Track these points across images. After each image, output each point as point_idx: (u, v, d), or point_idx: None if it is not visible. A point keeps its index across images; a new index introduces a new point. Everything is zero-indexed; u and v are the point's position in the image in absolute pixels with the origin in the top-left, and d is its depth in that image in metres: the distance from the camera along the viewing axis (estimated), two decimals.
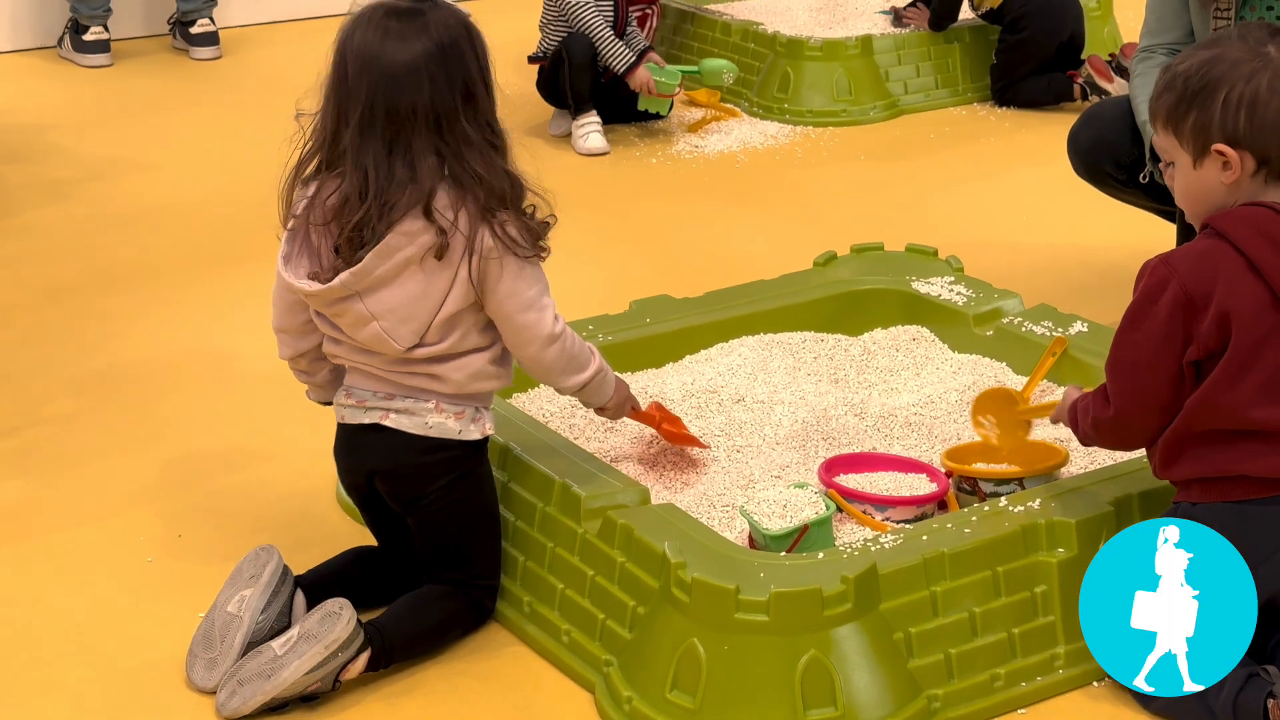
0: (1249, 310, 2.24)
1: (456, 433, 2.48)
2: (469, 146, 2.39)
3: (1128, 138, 3.40)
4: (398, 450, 2.49)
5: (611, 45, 4.85)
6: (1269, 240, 2.24)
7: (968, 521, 2.44)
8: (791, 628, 2.26)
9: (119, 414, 3.33)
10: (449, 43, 2.38)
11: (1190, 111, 2.29)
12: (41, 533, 2.92)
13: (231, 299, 3.90)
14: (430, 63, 2.36)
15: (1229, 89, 2.26)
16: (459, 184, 2.39)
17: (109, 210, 4.49)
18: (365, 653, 2.40)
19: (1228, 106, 2.26)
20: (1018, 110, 5.24)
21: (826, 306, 3.29)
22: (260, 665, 2.35)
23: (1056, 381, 3.04)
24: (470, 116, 2.39)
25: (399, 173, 2.37)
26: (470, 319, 2.46)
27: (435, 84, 2.36)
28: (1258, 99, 2.26)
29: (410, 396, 2.48)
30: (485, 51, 2.43)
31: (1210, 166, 2.30)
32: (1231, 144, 2.27)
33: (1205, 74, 2.28)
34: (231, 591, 2.46)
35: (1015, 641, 2.39)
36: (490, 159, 2.40)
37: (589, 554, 2.49)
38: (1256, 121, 2.26)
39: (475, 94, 2.40)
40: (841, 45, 5.18)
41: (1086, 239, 4.12)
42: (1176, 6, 3.33)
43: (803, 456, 2.82)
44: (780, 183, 4.67)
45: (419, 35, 2.37)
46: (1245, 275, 2.24)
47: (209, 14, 5.96)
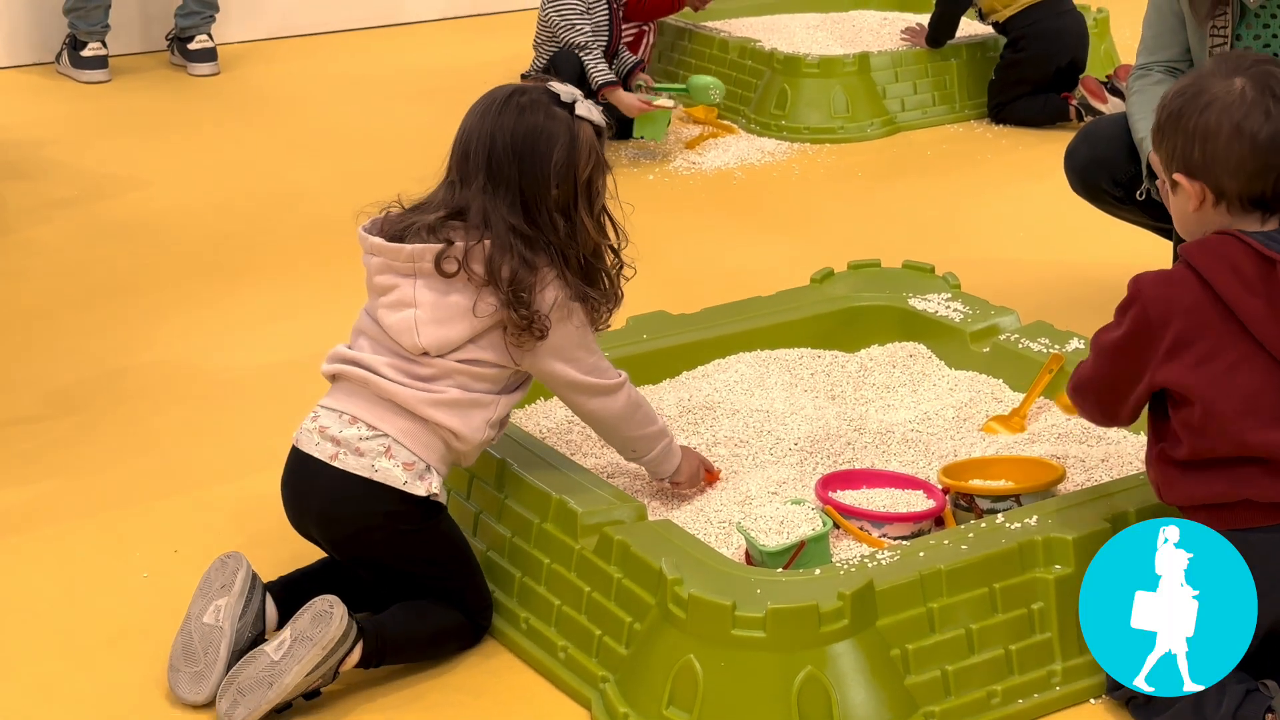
0: (1212, 339, 2.24)
1: (401, 483, 2.46)
2: (564, 225, 2.51)
3: (1124, 155, 3.41)
4: (339, 492, 2.45)
5: (593, 62, 4.85)
6: (1231, 269, 2.24)
7: (965, 538, 2.44)
8: (788, 644, 2.26)
9: (113, 427, 3.33)
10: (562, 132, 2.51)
11: (1164, 138, 2.31)
12: (35, 546, 2.91)
13: (227, 313, 3.90)
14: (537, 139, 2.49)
15: (1189, 119, 2.27)
16: (550, 257, 2.50)
17: (106, 225, 4.49)
18: (359, 644, 2.41)
19: (1186, 137, 2.27)
20: (1015, 127, 5.25)
21: (823, 323, 3.29)
22: (259, 672, 2.35)
23: (1053, 399, 3.04)
24: (567, 200, 2.51)
25: (516, 225, 2.48)
26: (497, 372, 2.51)
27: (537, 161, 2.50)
28: (1208, 131, 2.25)
29: (371, 429, 2.46)
30: (592, 149, 2.55)
31: (1181, 194, 2.32)
32: (1188, 175, 2.29)
33: (1177, 102, 2.29)
34: (204, 603, 2.46)
35: (1012, 658, 2.38)
36: (580, 238, 2.54)
37: (586, 570, 2.49)
38: (1208, 154, 2.26)
39: (573, 181, 2.52)
40: (839, 62, 5.19)
41: (1083, 256, 4.12)
42: (1173, 24, 3.33)
43: (800, 473, 2.82)
44: (777, 199, 4.68)
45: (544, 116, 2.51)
46: (1208, 305, 2.25)
47: (207, 30, 5.97)
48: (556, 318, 2.49)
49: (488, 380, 2.51)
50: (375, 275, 2.52)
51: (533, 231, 2.48)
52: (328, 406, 2.52)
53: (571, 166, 2.51)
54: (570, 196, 2.52)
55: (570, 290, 2.51)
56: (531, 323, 2.47)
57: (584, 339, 2.56)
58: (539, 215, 2.49)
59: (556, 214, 2.50)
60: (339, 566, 2.58)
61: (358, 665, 2.42)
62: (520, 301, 2.46)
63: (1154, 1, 3.37)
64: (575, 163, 2.51)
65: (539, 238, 2.49)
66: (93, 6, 5.79)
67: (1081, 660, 2.40)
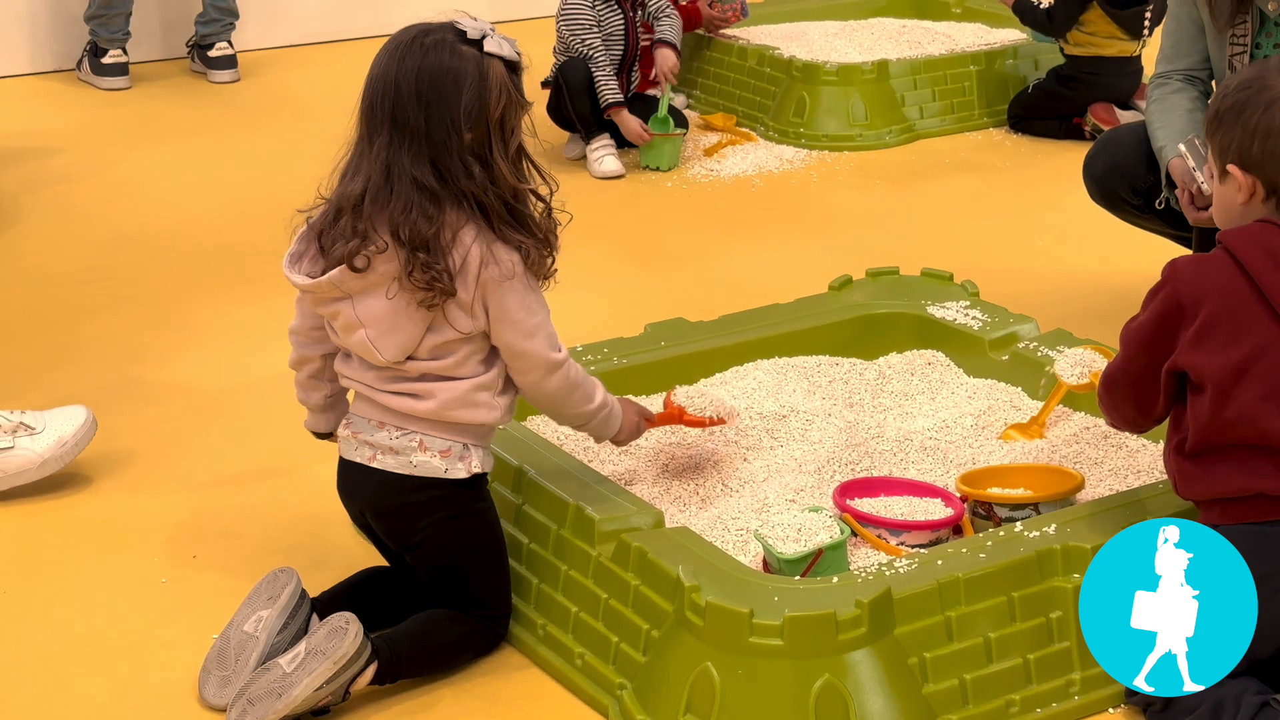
0: (1242, 323, 2.25)
1: (442, 471, 2.46)
2: (480, 170, 2.38)
3: (1143, 164, 3.40)
4: (385, 490, 2.49)
5: (602, 78, 4.85)
6: (1268, 254, 2.26)
7: (983, 546, 2.44)
8: (806, 652, 2.26)
9: (131, 434, 3.33)
10: (465, 69, 2.37)
11: (1220, 128, 2.34)
12: (55, 552, 2.92)
13: (247, 321, 3.91)
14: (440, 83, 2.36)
15: (1251, 114, 2.29)
16: (461, 206, 2.38)
17: (126, 232, 4.50)
18: (373, 665, 2.40)
19: (1246, 131, 2.29)
20: (1033, 136, 5.24)
21: (842, 330, 3.29)
22: (270, 683, 2.35)
23: (1071, 407, 3.03)
24: (481, 143, 2.38)
25: (420, 178, 2.36)
26: (468, 347, 2.44)
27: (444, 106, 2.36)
28: (1272, 128, 2.28)
29: (399, 429, 2.47)
30: (504, 87, 2.39)
31: (1230, 185, 2.34)
32: (1244, 168, 2.31)
33: (1238, 95, 2.31)
34: (248, 611, 2.46)
35: (1030, 667, 2.38)
36: (499, 183, 2.39)
37: (603, 577, 2.49)
38: (1268, 150, 2.28)
39: (485, 123, 2.38)
40: (857, 70, 5.19)
41: (1102, 264, 4.12)
42: (1193, 32, 3.33)
43: (817, 480, 2.81)
44: (795, 207, 4.68)
45: (436, 55, 2.37)
46: (1241, 290, 2.26)
47: (227, 37, 5.98)
48: (486, 273, 2.37)
49: (472, 357, 2.45)
50: (315, 308, 2.48)
51: (439, 185, 2.36)
52: (356, 413, 2.53)
53: (483, 107, 2.35)
54: (485, 139, 2.37)
55: (494, 239, 2.38)
56: (434, 280, 2.35)
57: (523, 299, 2.41)
58: (449, 163, 2.35)
59: (471, 160, 2.36)
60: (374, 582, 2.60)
61: (372, 683, 2.42)
62: (418, 262, 2.34)
63: (1173, 11, 3.36)
64: (486, 103, 2.35)
65: (447, 190, 2.36)
66: (114, 14, 5.81)
67: (1100, 670, 2.39)
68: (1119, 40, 5.10)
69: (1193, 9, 3.30)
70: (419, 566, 2.54)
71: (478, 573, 2.53)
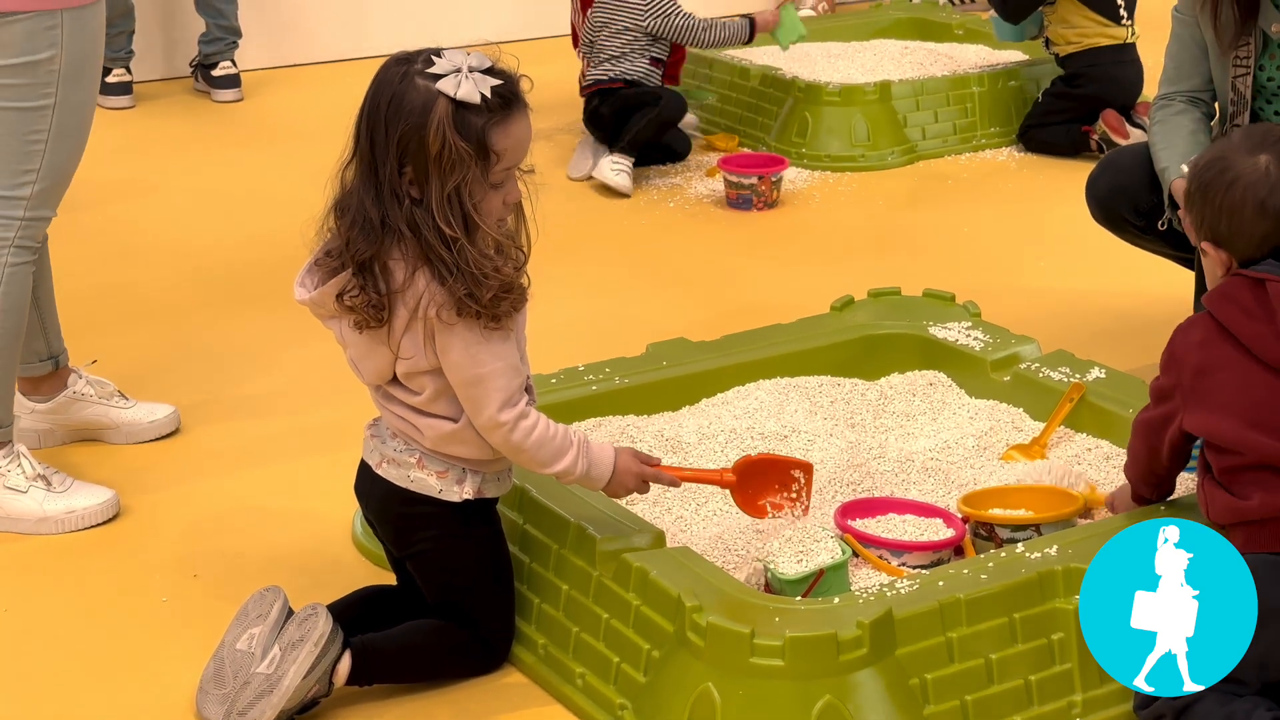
0: (1224, 366, 2.36)
1: (436, 491, 2.48)
2: (411, 205, 2.35)
3: (1146, 185, 3.40)
4: (389, 498, 2.51)
5: (723, 29, 5.05)
6: (1234, 303, 2.36)
7: (984, 567, 2.43)
8: (807, 673, 2.26)
9: (132, 453, 3.33)
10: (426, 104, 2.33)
11: (1193, 206, 2.45)
12: (56, 570, 2.92)
13: (250, 339, 3.91)
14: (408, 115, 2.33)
15: (1217, 193, 2.40)
16: (404, 236, 2.36)
17: (130, 250, 4.50)
18: (347, 652, 2.43)
19: (1214, 209, 2.41)
20: (1036, 155, 5.24)
21: (844, 351, 3.29)
22: (256, 688, 2.37)
23: (1074, 428, 3.03)
24: (420, 179, 2.34)
25: (365, 203, 2.36)
26: (435, 385, 2.44)
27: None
28: (1234, 207, 2.39)
29: (402, 441, 2.49)
30: (443, 126, 2.32)
31: (1209, 259, 2.46)
32: (1214, 244, 2.42)
33: (1205, 174, 2.43)
34: (240, 630, 2.46)
35: (1032, 688, 2.37)
36: (431, 223, 2.34)
37: (604, 597, 2.49)
38: (1234, 227, 2.39)
39: (424, 159, 2.33)
40: (859, 90, 5.20)
41: (1104, 285, 4.12)
42: (1196, 54, 3.33)
43: (819, 500, 2.81)
44: (797, 227, 4.68)
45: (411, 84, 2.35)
46: (1218, 340, 2.36)
47: (230, 56, 6.00)
48: (421, 308, 2.35)
49: (441, 396, 2.44)
50: (323, 324, 2.50)
51: (377, 211, 2.34)
52: (379, 418, 2.55)
53: (421, 143, 2.31)
54: (423, 175, 2.33)
55: (432, 277, 2.35)
56: (366, 304, 2.35)
57: (468, 346, 2.37)
58: (384, 192, 2.34)
59: (406, 192, 2.33)
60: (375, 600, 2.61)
61: (349, 682, 2.44)
62: (355, 284, 2.35)
63: (1176, 32, 3.37)
64: (425, 139, 2.31)
65: (385, 218, 2.34)
66: (116, 33, 5.82)
67: (1102, 691, 2.39)
68: (1103, 27, 5.13)
69: (1196, 31, 3.31)
70: (418, 576, 2.55)
71: (474, 593, 2.54)
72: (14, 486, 3.00)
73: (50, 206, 3.02)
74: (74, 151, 3.01)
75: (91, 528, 3.03)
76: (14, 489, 3.00)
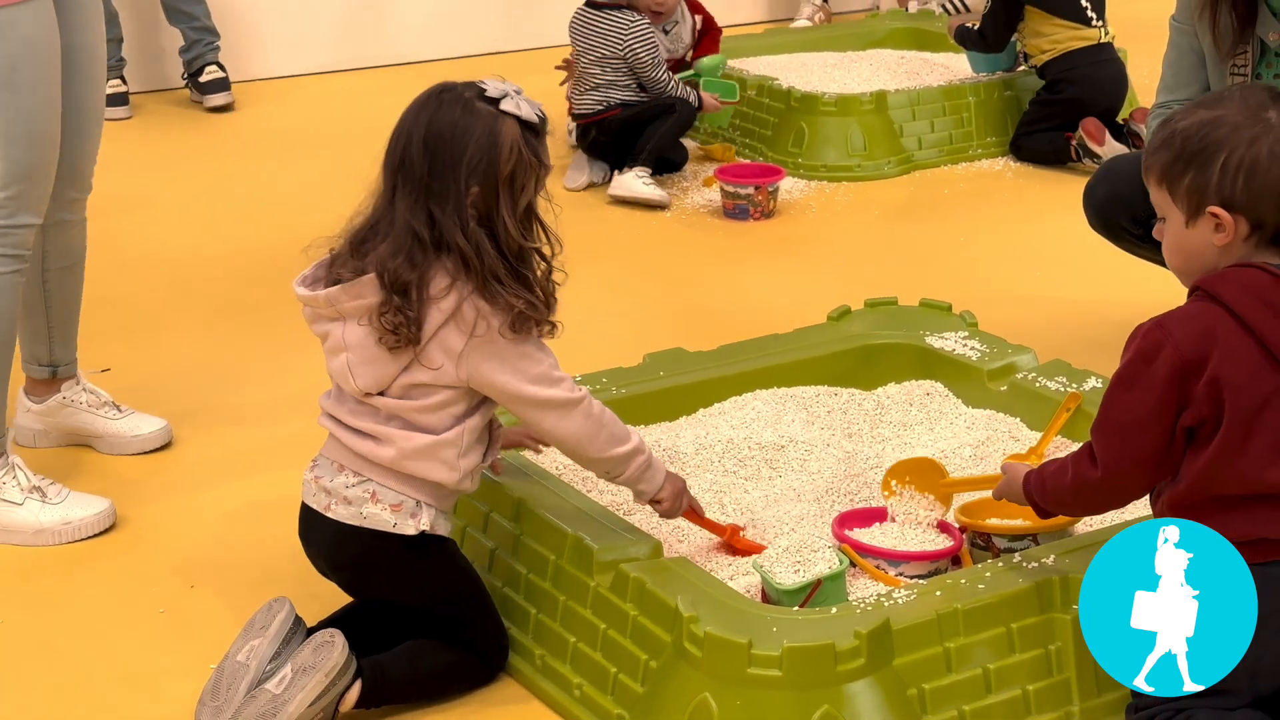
0: (1245, 374, 2.23)
1: (390, 525, 2.47)
2: (476, 227, 2.42)
3: (1144, 193, 3.38)
4: (340, 541, 2.49)
5: (677, 87, 5.02)
6: (1262, 301, 2.23)
7: (982, 577, 2.43)
8: (804, 683, 2.25)
9: (128, 461, 3.33)
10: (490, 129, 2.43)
11: (1187, 171, 2.29)
12: (54, 582, 2.91)
13: (244, 350, 3.91)
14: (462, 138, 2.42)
15: (1229, 153, 2.26)
16: (451, 259, 2.42)
17: (125, 261, 4.50)
18: (358, 682, 2.41)
19: (1226, 170, 2.26)
20: (1032, 166, 5.24)
21: (840, 361, 3.29)
22: (261, 707, 2.36)
23: (1071, 438, 3.03)
24: (488, 200, 2.42)
25: (415, 226, 2.41)
26: (441, 396, 2.45)
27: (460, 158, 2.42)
28: (1257, 165, 2.25)
29: (357, 476, 2.48)
30: (515, 145, 2.44)
31: (1203, 227, 2.30)
32: (1227, 207, 2.27)
33: (1205, 135, 2.28)
34: (243, 642, 2.46)
35: (1030, 699, 2.37)
36: (503, 240, 2.43)
37: (601, 607, 2.48)
38: (1255, 187, 2.26)
39: (494, 180, 2.43)
40: (856, 101, 5.20)
41: (1101, 294, 4.12)
42: (1193, 62, 3.33)
43: (816, 510, 2.81)
44: (794, 237, 4.68)
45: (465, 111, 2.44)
46: (1240, 338, 2.23)
47: (215, 59, 5.97)
48: (475, 327, 2.41)
49: (442, 409, 2.46)
50: (311, 325, 2.51)
51: (431, 235, 2.41)
52: (323, 455, 2.54)
53: (491, 164, 2.41)
54: (493, 196, 2.42)
55: (479, 297, 2.41)
56: (400, 325, 2.39)
57: (519, 350, 2.44)
58: (444, 216, 2.40)
59: (470, 215, 2.41)
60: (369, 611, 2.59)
61: (357, 705, 2.42)
62: (392, 306, 2.39)
63: (1173, 40, 3.37)
64: (495, 160, 2.41)
65: (438, 241, 2.41)
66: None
67: (1100, 701, 2.39)
68: (1073, 31, 5.16)
69: (1193, 39, 3.31)
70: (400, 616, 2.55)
71: (459, 619, 2.54)
72: (9, 499, 3.00)
73: (30, 213, 2.98)
74: (38, 158, 2.94)
75: (88, 539, 3.03)
76: (10, 501, 3.00)
